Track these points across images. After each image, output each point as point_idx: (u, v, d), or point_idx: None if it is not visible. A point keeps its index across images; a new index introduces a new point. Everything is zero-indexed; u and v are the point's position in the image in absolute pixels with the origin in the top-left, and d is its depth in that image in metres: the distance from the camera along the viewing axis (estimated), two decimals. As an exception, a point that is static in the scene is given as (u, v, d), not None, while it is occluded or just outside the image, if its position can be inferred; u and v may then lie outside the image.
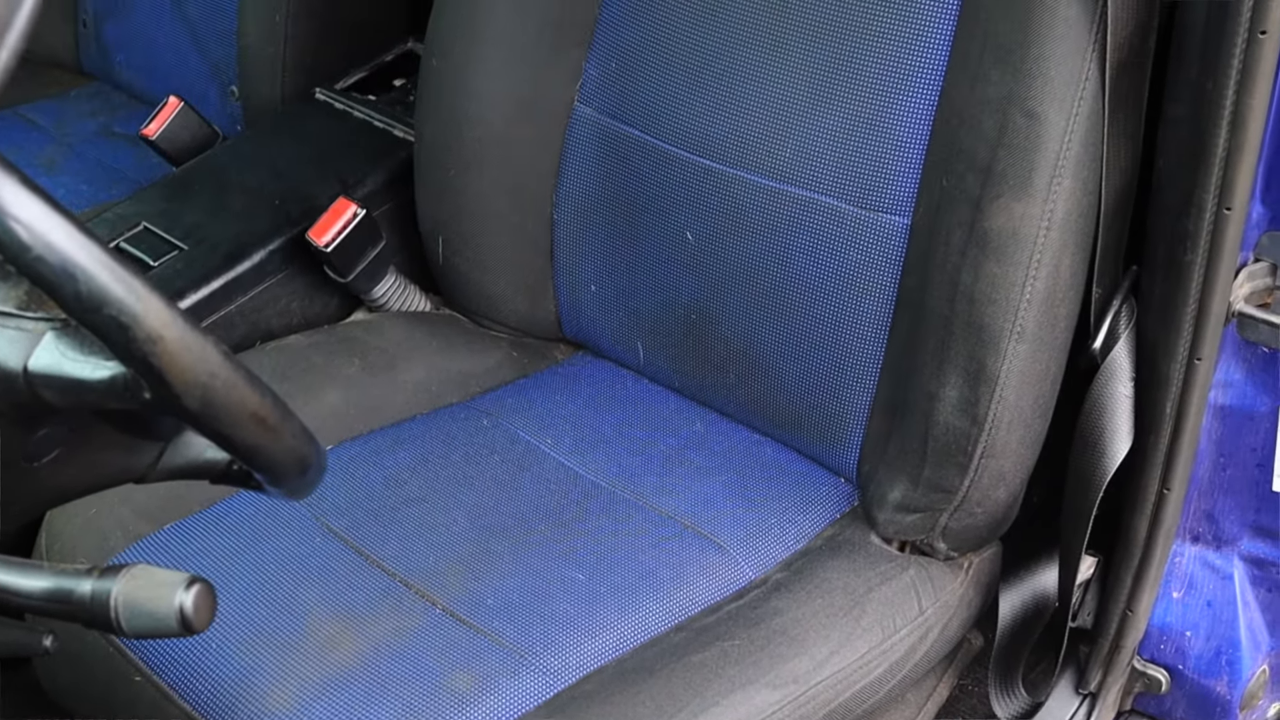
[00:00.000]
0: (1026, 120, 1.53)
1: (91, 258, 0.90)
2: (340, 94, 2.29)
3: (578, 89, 1.90)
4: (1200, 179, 1.43)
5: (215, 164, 2.16)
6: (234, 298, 1.96)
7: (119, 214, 2.04)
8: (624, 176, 1.87)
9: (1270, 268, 1.52)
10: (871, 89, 1.68)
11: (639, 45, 1.84)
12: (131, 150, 2.47)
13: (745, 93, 1.76)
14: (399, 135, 2.17)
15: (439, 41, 1.92)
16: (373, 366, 1.92)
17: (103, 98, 2.67)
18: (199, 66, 2.48)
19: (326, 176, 2.08)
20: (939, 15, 1.63)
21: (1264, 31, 1.35)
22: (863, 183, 1.69)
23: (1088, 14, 1.51)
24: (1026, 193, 1.53)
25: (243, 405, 0.97)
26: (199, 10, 2.45)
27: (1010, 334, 1.56)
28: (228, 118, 2.43)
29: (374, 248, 1.98)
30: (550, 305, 1.99)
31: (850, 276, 1.71)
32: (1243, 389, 1.58)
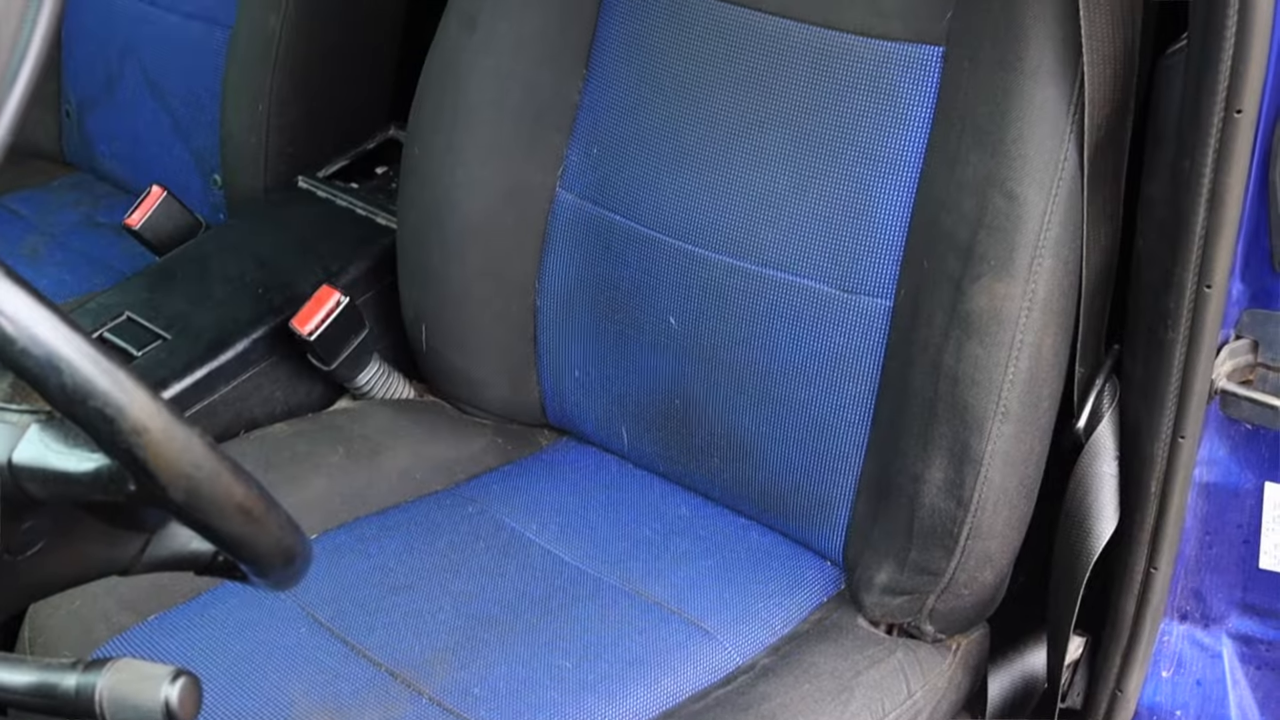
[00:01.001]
0: (1006, 201, 1.54)
1: (76, 350, 0.90)
2: (323, 182, 2.29)
3: (559, 175, 1.90)
4: (1180, 257, 1.44)
5: (198, 253, 2.16)
6: (217, 387, 1.96)
7: (102, 304, 2.03)
8: (606, 262, 1.88)
9: (1252, 345, 1.52)
10: (852, 173, 1.69)
11: (620, 131, 1.85)
12: (115, 240, 2.47)
13: (726, 177, 1.77)
14: (381, 223, 2.18)
15: (421, 129, 1.93)
16: (357, 454, 1.91)
17: (86, 187, 2.68)
18: (182, 156, 2.49)
19: (309, 264, 2.08)
20: (918, 99, 1.64)
21: (1239, 111, 1.36)
22: (844, 266, 1.70)
23: (1065, 96, 1.53)
24: (1008, 273, 1.54)
25: (228, 497, 0.96)
26: (181, 100, 2.46)
27: (994, 415, 1.57)
28: (211, 207, 2.43)
29: (357, 335, 1.98)
30: (534, 391, 1.99)
31: (833, 359, 1.72)
32: (1227, 466, 1.58)
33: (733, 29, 1.76)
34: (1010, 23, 1.55)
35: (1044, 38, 1.53)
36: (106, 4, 2.52)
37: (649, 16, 1.82)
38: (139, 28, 2.49)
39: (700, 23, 1.78)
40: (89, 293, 2.27)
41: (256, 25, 2.29)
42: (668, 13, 1.81)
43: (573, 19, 1.87)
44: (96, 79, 2.59)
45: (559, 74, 1.88)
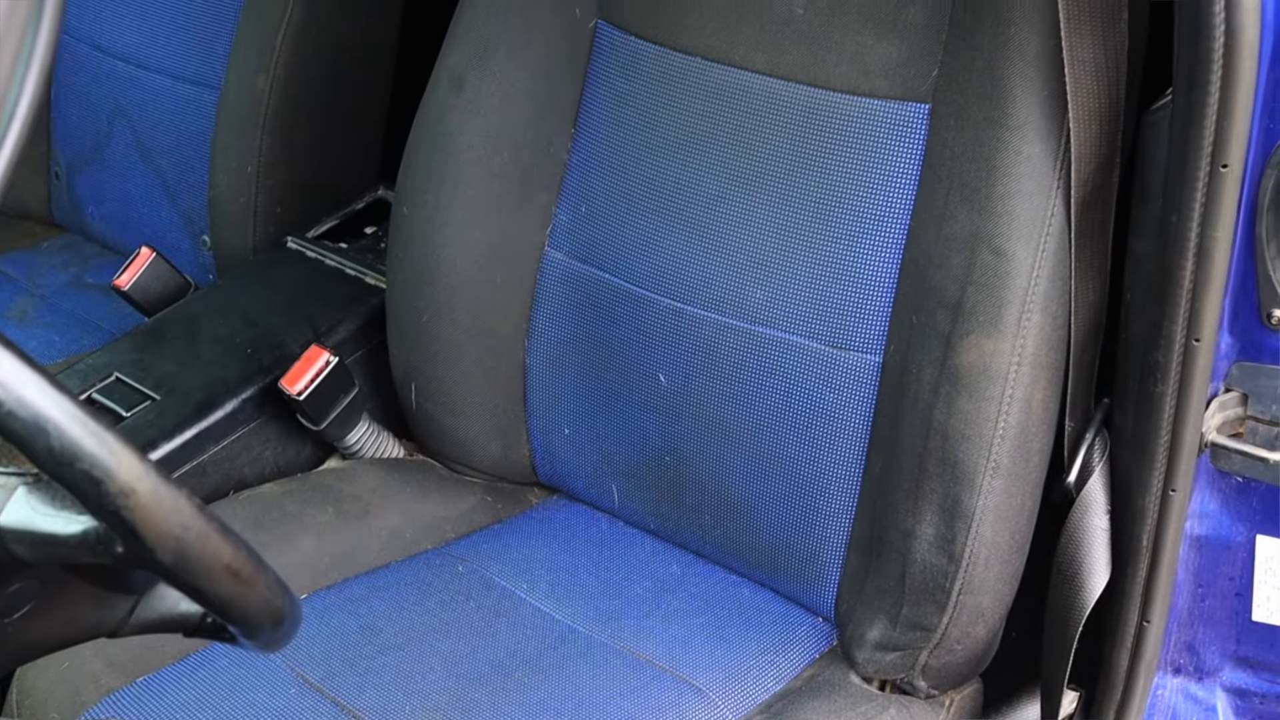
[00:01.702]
0: (994, 257, 1.54)
1: (63, 412, 0.90)
2: (312, 242, 2.29)
3: (548, 234, 1.91)
4: (1168, 311, 1.45)
5: (187, 314, 2.16)
6: (207, 447, 1.95)
7: (91, 365, 2.03)
8: (595, 320, 1.88)
9: (1241, 397, 1.52)
10: (840, 230, 1.69)
11: (609, 190, 1.86)
12: (104, 301, 2.47)
13: (715, 235, 1.77)
14: (370, 282, 2.18)
15: (409, 189, 1.93)
16: (346, 514, 1.91)
17: (75, 249, 2.68)
18: (171, 217, 2.49)
19: (298, 324, 2.08)
20: (905, 156, 1.65)
21: (1225, 165, 1.37)
22: (834, 322, 1.70)
23: (1051, 152, 1.53)
24: (996, 329, 1.54)
25: (216, 558, 0.96)
26: (170, 162, 2.46)
27: (985, 470, 1.57)
28: (200, 267, 2.43)
29: (346, 395, 1.98)
30: (524, 449, 1.99)
31: (823, 415, 1.72)
32: (1218, 519, 1.58)
33: (720, 88, 1.76)
34: (995, 80, 1.56)
35: (1029, 94, 1.54)
36: (96, 66, 2.53)
37: (637, 76, 1.83)
38: (128, 90, 2.49)
39: (688, 82, 1.79)
40: (78, 354, 2.26)
41: (245, 87, 2.29)
42: (655, 72, 1.81)
43: (561, 78, 1.88)
44: (86, 141, 2.60)
45: (547, 133, 1.89)
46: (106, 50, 2.51)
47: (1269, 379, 1.50)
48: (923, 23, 1.63)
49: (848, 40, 1.68)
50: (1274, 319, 1.46)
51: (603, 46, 1.87)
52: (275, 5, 2.26)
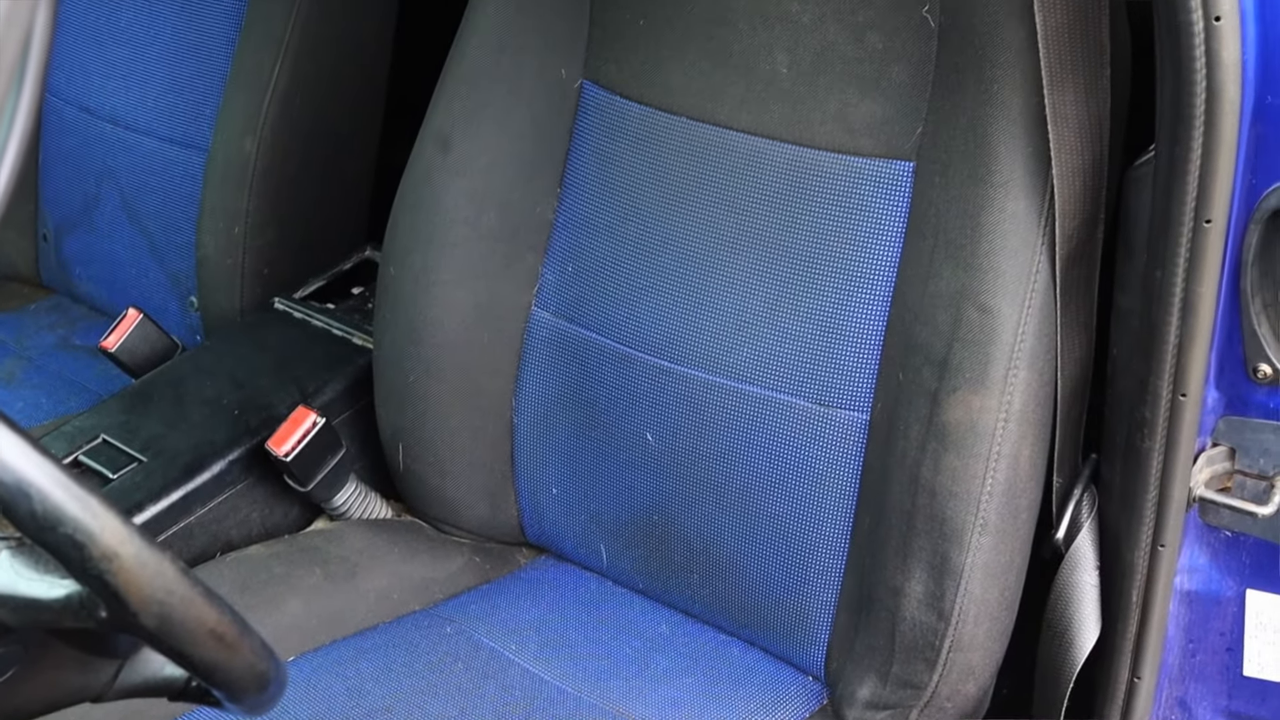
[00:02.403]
0: (980, 314, 1.55)
1: (46, 476, 0.89)
2: (299, 303, 2.29)
3: (535, 294, 1.91)
4: (1154, 367, 1.45)
5: (174, 375, 2.16)
6: (193, 509, 1.95)
7: (78, 427, 2.03)
8: (583, 379, 1.88)
9: (1228, 452, 1.52)
10: (826, 288, 1.69)
11: (595, 249, 1.86)
12: (91, 362, 2.47)
13: (701, 294, 1.78)
14: (358, 343, 2.18)
15: (396, 250, 1.93)
16: (334, 576, 1.90)
17: (62, 310, 2.68)
18: (158, 278, 2.49)
19: (285, 385, 2.08)
20: (890, 214, 1.66)
21: (1209, 221, 1.37)
22: (820, 380, 1.70)
23: (1035, 209, 1.54)
24: (983, 385, 1.54)
25: (200, 622, 0.95)
26: (158, 223, 2.46)
27: (973, 526, 1.56)
28: (187, 328, 2.43)
29: (334, 456, 1.98)
30: (512, 509, 1.99)
31: (811, 473, 1.71)
32: (1208, 574, 1.58)
33: (706, 147, 1.77)
34: (979, 137, 1.56)
35: (1013, 151, 1.54)
36: (85, 128, 2.54)
37: (622, 135, 1.84)
38: (116, 152, 2.50)
39: (674, 141, 1.79)
40: (65, 415, 2.26)
41: (232, 148, 2.30)
42: (641, 131, 1.82)
43: (546, 138, 1.88)
44: (74, 203, 2.60)
45: (534, 193, 1.89)
46: (95, 113, 2.52)
47: (1256, 433, 1.50)
48: (906, 81, 1.64)
49: (832, 99, 1.68)
50: (1260, 373, 1.46)
51: (588, 107, 1.87)
52: (262, 67, 2.27)
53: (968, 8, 1.57)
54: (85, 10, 2.51)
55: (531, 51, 1.87)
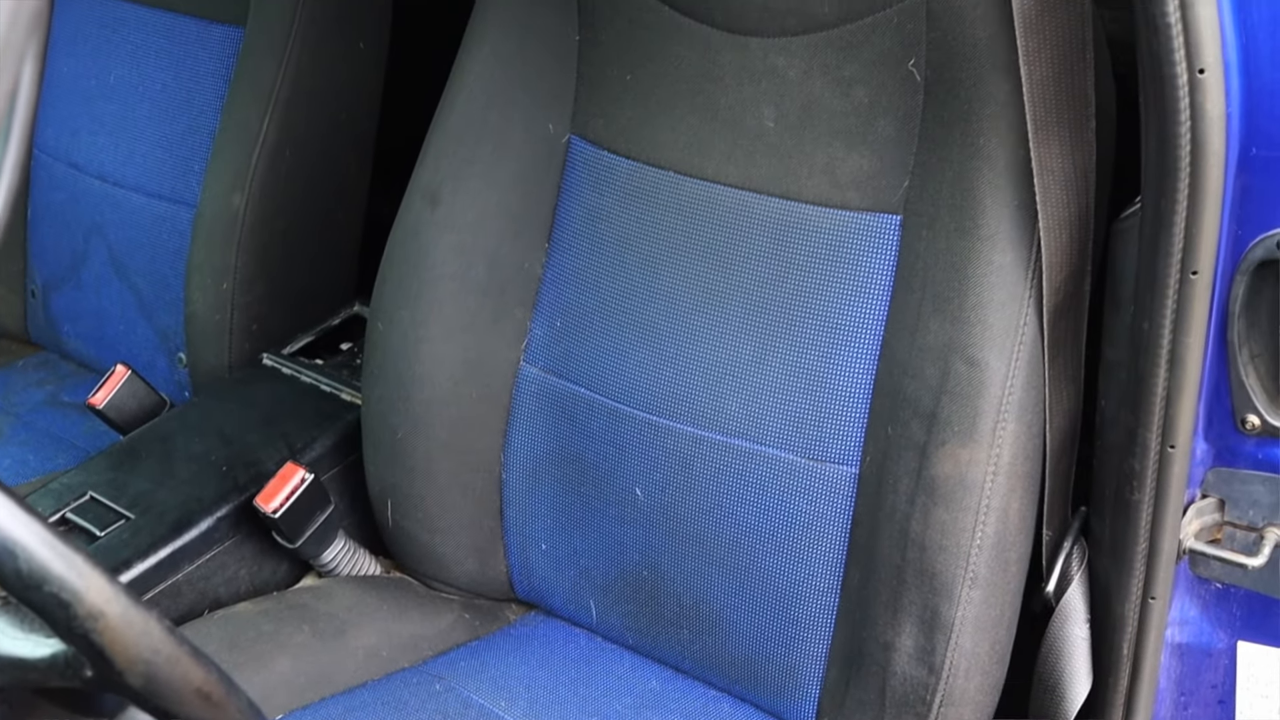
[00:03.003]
0: (968, 367, 1.55)
1: (32, 534, 0.89)
2: (287, 358, 2.29)
3: (523, 348, 1.91)
4: (1143, 418, 1.45)
5: (162, 432, 2.15)
6: (181, 566, 1.94)
7: (65, 484, 2.02)
8: (571, 434, 1.87)
9: (1218, 503, 1.52)
10: (814, 341, 1.70)
11: (583, 304, 1.86)
12: (79, 419, 2.46)
13: (690, 348, 1.78)
14: (346, 399, 2.17)
15: (384, 306, 1.93)
16: (323, 633, 1.89)
17: (50, 367, 2.68)
18: (146, 335, 2.49)
19: (274, 442, 2.08)
20: (877, 267, 1.66)
21: (1195, 272, 1.38)
22: (809, 434, 1.70)
23: (1022, 261, 1.54)
24: (972, 438, 1.54)
25: (187, 682, 0.95)
26: (146, 279, 2.47)
27: (963, 580, 1.56)
28: (175, 385, 2.43)
29: (322, 512, 1.97)
30: (501, 565, 1.98)
31: (800, 528, 1.71)
32: (1199, 626, 1.57)
33: (694, 202, 1.77)
34: (966, 191, 1.57)
35: (999, 204, 1.55)
36: (73, 184, 2.54)
37: (610, 190, 1.84)
38: (105, 208, 2.50)
39: (661, 196, 1.80)
40: (52, 472, 2.25)
41: (220, 204, 2.30)
42: (629, 186, 1.83)
43: (535, 193, 1.89)
44: (62, 259, 2.60)
45: (522, 248, 1.90)
46: (83, 169, 2.52)
47: (1245, 484, 1.50)
48: (893, 135, 1.65)
49: (818, 153, 1.69)
50: (1248, 424, 1.46)
51: (576, 161, 1.88)
52: (251, 123, 2.28)
53: (953, 62, 1.58)
54: (74, 66, 2.52)
55: (519, 107, 1.88)
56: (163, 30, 2.42)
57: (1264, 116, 1.34)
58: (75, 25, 2.51)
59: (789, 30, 1.69)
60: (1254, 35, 1.32)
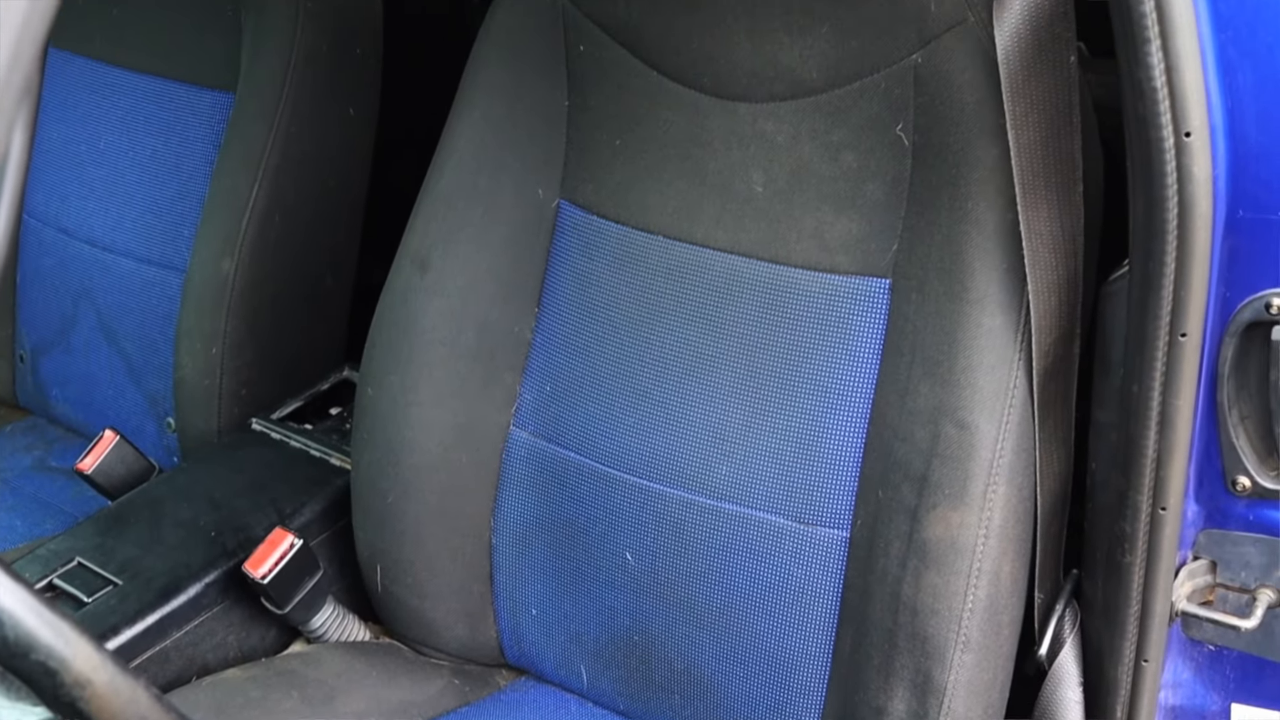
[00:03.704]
0: (958, 430, 1.55)
1: (18, 601, 0.89)
2: (277, 423, 2.29)
3: (513, 413, 1.91)
4: (1133, 480, 1.45)
5: (151, 497, 2.15)
6: (169, 632, 1.93)
7: (53, 550, 2.01)
8: (561, 499, 1.87)
9: (1210, 565, 1.52)
10: (805, 405, 1.70)
11: (573, 368, 1.86)
12: (68, 484, 2.46)
13: (680, 412, 1.78)
14: (336, 464, 2.17)
15: (374, 371, 1.93)
16: (312, 700, 1.88)
17: (38, 432, 2.67)
18: (135, 399, 2.48)
19: (263, 507, 2.07)
20: (867, 331, 1.66)
21: (1184, 334, 1.38)
22: (800, 498, 1.70)
23: (1012, 324, 1.54)
24: (963, 502, 1.54)
25: (174, 750, 0.94)
26: (135, 344, 2.46)
27: (955, 644, 1.55)
28: (164, 450, 2.43)
29: (311, 578, 1.96)
30: (491, 631, 1.97)
31: (792, 592, 1.71)
32: (1192, 688, 1.57)
33: (683, 266, 1.78)
34: (955, 254, 1.57)
35: (988, 268, 1.55)
36: (62, 249, 2.54)
37: (599, 255, 1.84)
38: (94, 273, 2.50)
39: (651, 260, 1.80)
40: (40, 538, 2.25)
41: (210, 269, 2.30)
42: (618, 251, 1.83)
43: (524, 258, 1.89)
44: (51, 324, 2.60)
45: (512, 313, 1.90)
46: (73, 234, 2.53)
47: (1236, 546, 1.50)
48: (881, 199, 1.65)
49: (807, 217, 1.69)
50: (1239, 486, 1.46)
51: (565, 226, 1.88)
52: (241, 188, 2.28)
53: (941, 126, 1.58)
54: (64, 132, 2.52)
55: (509, 172, 1.88)
56: (153, 96, 2.43)
57: (1250, 179, 1.35)
58: (66, 91, 2.52)
59: (777, 95, 1.70)
60: (1239, 99, 1.33)
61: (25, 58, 0.81)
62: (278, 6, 2.26)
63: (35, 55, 0.81)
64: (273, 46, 2.27)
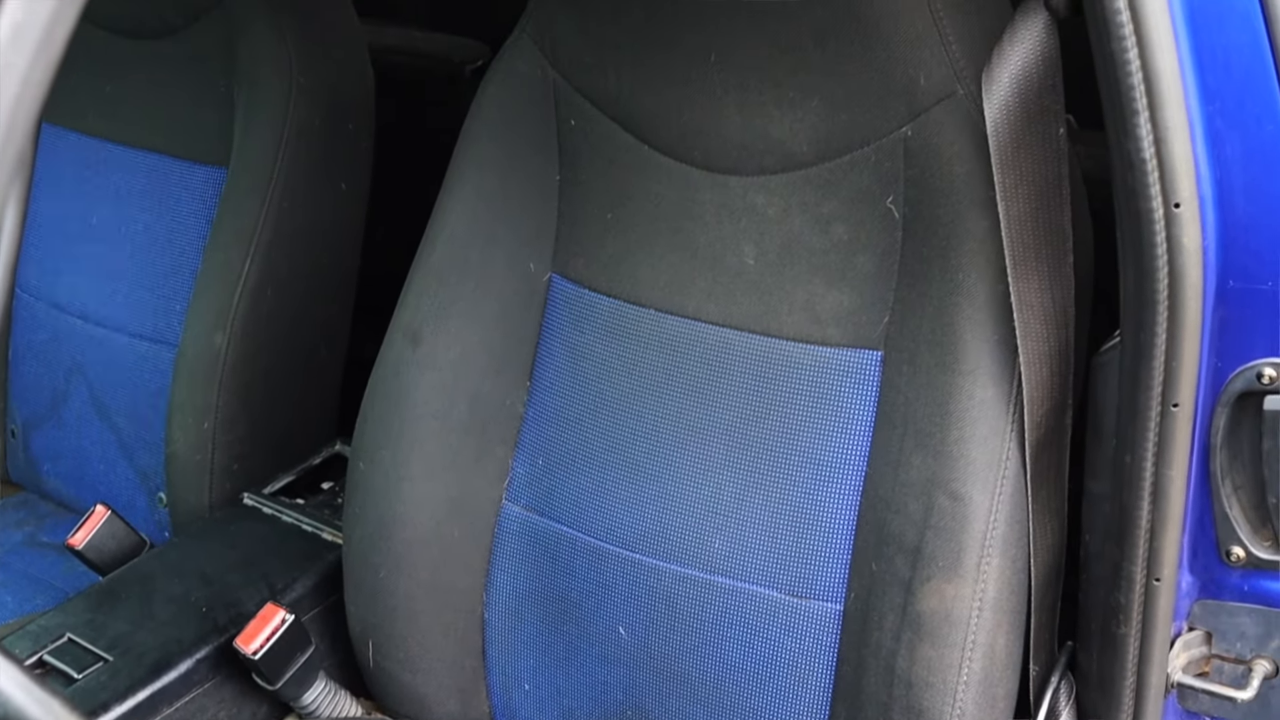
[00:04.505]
0: (951, 502, 1.54)
1: (7, 678, 0.88)
2: (268, 498, 2.29)
3: (505, 487, 1.90)
4: (1127, 551, 1.45)
5: (142, 572, 2.14)
6: (160, 709, 1.92)
7: (43, 626, 2.00)
8: (554, 573, 1.86)
9: (1205, 636, 1.52)
10: (797, 478, 1.69)
11: (565, 442, 1.86)
12: (59, 560, 2.45)
13: (673, 486, 1.77)
14: (327, 538, 2.16)
15: (366, 445, 1.93)
16: (303, 776, 1.87)
17: (29, 507, 2.66)
18: (127, 474, 2.48)
19: (254, 582, 2.06)
20: (859, 403, 1.66)
21: (1176, 404, 1.38)
22: (793, 571, 1.69)
23: (1004, 396, 1.55)
24: (956, 574, 1.54)
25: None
26: (127, 419, 2.46)
27: (951, 717, 1.55)
28: (155, 525, 2.42)
29: (303, 653, 1.95)
30: (484, 706, 1.96)
31: (785, 666, 1.70)
32: (1190, 760, 1.56)
33: (675, 339, 1.78)
34: (946, 326, 1.58)
35: (980, 339, 1.55)
36: (55, 324, 2.54)
37: (591, 328, 1.85)
38: (87, 347, 2.51)
39: (642, 334, 1.80)
40: (30, 614, 2.23)
41: (202, 344, 2.31)
42: (610, 324, 1.83)
43: (516, 332, 1.89)
44: (43, 398, 2.60)
45: (503, 386, 1.90)
46: (65, 308, 2.53)
47: (1232, 616, 1.49)
48: (872, 271, 1.66)
49: (799, 290, 1.70)
50: (1233, 556, 1.46)
51: (557, 300, 1.89)
52: (233, 263, 2.28)
53: (931, 198, 1.59)
54: (57, 207, 2.53)
55: (501, 246, 1.89)
56: (146, 171, 2.44)
57: (1240, 250, 1.36)
58: (59, 166, 2.53)
59: (768, 169, 1.71)
60: (1228, 170, 1.34)
61: (18, 131, 0.81)
62: (271, 82, 2.27)
63: (28, 129, 0.82)
64: (266, 121, 2.28)
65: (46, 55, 0.80)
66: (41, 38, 0.79)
